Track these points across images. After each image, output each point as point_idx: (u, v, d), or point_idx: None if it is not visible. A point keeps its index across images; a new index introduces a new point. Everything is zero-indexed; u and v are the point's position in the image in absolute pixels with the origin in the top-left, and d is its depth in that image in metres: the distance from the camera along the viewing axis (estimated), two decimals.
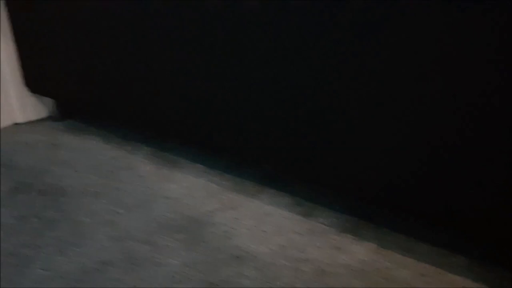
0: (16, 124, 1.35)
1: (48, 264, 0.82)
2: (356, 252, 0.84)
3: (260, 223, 0.92)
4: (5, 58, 1.29)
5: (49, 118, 1.38)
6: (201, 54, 0.97)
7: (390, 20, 0.73)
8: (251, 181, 1.05)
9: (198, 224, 0.92)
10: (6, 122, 1.34)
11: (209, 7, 0.90)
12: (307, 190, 1.00)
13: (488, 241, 0.81)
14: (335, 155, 0.87)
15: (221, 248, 0.85)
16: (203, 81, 1.00)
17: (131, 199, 1.01)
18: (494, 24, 0.64)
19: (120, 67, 1.14)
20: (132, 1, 1.03)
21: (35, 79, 1.33)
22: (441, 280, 0.78)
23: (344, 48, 0.78)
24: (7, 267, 0.82)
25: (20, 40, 1.29)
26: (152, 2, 1.00)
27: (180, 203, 0.99)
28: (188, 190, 1.04)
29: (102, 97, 1.23)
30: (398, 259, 0.82)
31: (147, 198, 1.01)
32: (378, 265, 0.81)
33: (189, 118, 1.08)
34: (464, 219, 0.78)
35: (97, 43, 1.15)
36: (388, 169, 0.82)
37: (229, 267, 0.81)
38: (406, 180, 0.81)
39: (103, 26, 1.12)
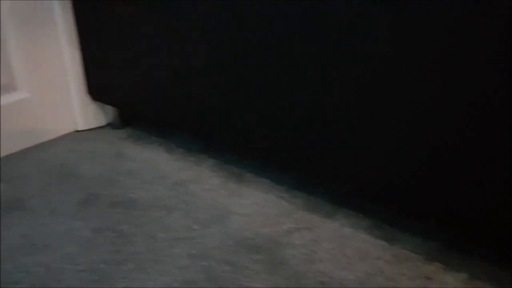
0: (77, 131, 1.36)
1: (130, 282, 0.81)
2: (448, 282, 0.80)
3: (341, 246, 0.89)
4: (69, 66, 1.30)
5: (110, 125, 1.38)
6: (272, 68, 0.94)
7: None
8: (324, 200, 1.02)
9: (276, 244, 0.90)
10: (68, 129, 1.35)
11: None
12: (384, 212, 0.97)
13: None
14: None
15: (303, 272, 0.83)
16: (278, 91, 0.97)
17: (203, 214, 0.99)
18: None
19: (183, 77, 1.13)
20: (196, 14, 1.02)
21: (97, 87, 1.33)
22: None
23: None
24: (88, 283, 0.81)
25: (85, 48, 1.29)
26: (217, 18, 0.98)
27: (254, 221, 0.97)
28: (259, 206, 1.02)
29: (164, 105, 1.22)
30: None
31: (219, 213, 0.99)
32: None
33: (257, 131, 1.06)
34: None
35: (162, 52, 1.15)
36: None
37: None
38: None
39: (168, 35, 1.11)
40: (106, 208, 1.01)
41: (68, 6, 1.24)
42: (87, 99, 1.34)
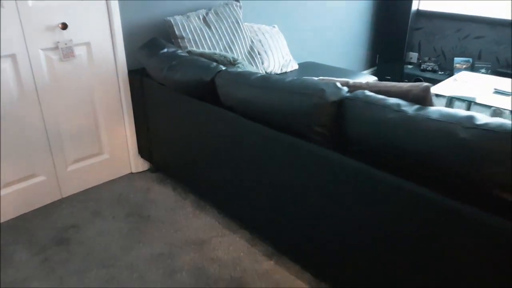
0: (132, 173, 2.55)
1: None
2: None
3: None
4: (130, 140, 2.49)
5: (148, 170, 2.56)
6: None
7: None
8: None
9: None
10: (127, 171, 2.54)
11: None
12: None
13: None
14: None
15: None
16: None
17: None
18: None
19: (190, 155, 2.22)
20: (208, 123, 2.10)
21: (142, 151, 2.50)
22: None
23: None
24: None
25: (138, 131, 2.47)
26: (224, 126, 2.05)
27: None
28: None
29: (178, 167, 2.34)
30: None
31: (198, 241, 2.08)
32: None
33: (239, 202, 2.11)
34: None
35: (184, 137, 2.25)
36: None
37: None
38: None
39: (187, 128, 2.21)
40: (125, 217, 2.15)
41: (130, 106, 2.42)
42: (138, 157, 2.53)
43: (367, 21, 4.08)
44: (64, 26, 1.99)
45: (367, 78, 2.85)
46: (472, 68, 3.86)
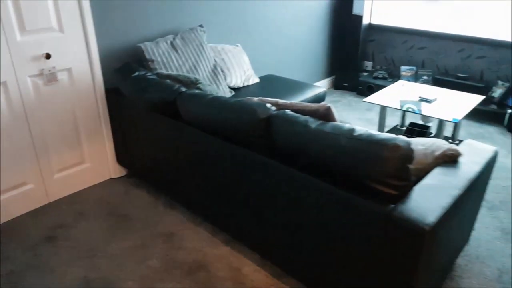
0: (111, 178, 2.90)
1: None
2: None
3: None
4: (109, 150, 2.85)
5: (125, 176, 2.92)
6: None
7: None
8: None
9: None
10: (107, 177, 2.90)
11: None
12: None
13: None
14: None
15: None
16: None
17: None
18: None
19: (161, 163, 2.59)
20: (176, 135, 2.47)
21: (120, 157, 2.86)
22: None
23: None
24: None
25: (116, 143, 2.83)
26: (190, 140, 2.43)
27: None
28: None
29: (152, 174, 2.71)
30: None
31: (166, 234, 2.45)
32: None
33: (199, 198, 2.49)
34: None
35: (154, 147, 2.62)
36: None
37: None
38: None
39: (156, 139, 2.58)
40: (105, 216, 2.51)
41: (108, 121, 2.78)
42: (116, 164, 2.89)
43: (324, 36, 4.52)
44: (48, 56, 2.35)
45: (317, 89, 3.27)
46: (416, 75, 4.33)
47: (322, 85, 4.76)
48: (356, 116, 4.06)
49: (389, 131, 3.50)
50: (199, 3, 3.16)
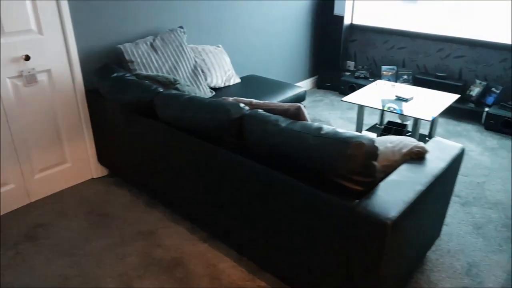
0: (93, 178, 2.93)
1: None
2: None
3: None
4: (90, 151, 2.87)
5: (107, 176, 2.94)
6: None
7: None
8: None
9: None
10: (89, 177, 2.92)
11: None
12: None
13: None
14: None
15: None
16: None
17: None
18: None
19: (137, 161, 2.63)
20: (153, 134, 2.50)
21: (102, 159, 2.89)
22: None
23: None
24: None
25: (97, 144, 2.85)
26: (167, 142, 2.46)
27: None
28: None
29: (133, 173, 2.74)
30: None
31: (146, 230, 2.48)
32: None
33: (183, 199, 2.53)
34: None
35: (134, 148, 2.65)
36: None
37: None
38: None
39: (135, 139, 2.61)
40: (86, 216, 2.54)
41: (88, 121, 2.80)
42: (98, 164, 2.91)
43: (306, 36, 4.58)
44: (27, 58, 2.37)
45: (298, 89, 3.33)
46: (397, 75, 4.42)
47: (305, 85, 4.82)
48: (338, 116, 4.13)
49: (368, 130, 3.57)
50: (179, 4, 3.20)
